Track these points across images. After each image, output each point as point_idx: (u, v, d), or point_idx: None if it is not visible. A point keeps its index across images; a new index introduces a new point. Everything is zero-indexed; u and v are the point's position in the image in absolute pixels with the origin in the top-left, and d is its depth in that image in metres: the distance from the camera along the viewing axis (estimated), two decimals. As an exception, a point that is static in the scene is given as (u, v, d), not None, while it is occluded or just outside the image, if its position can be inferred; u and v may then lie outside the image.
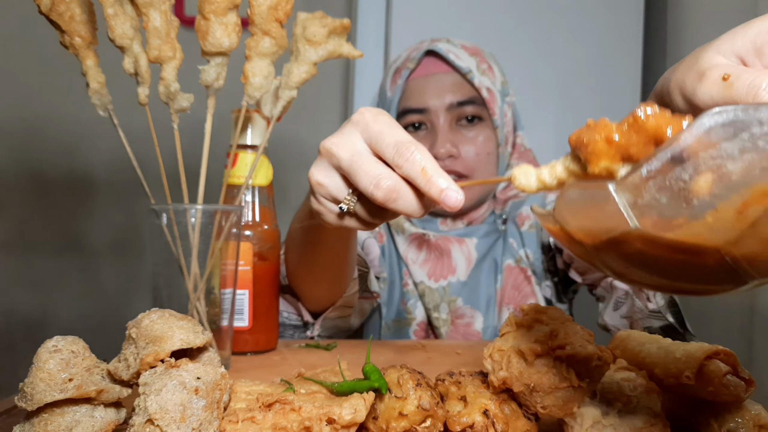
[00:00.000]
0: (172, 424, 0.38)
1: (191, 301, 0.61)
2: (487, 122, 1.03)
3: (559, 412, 0.42)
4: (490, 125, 1.03)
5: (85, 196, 2.05)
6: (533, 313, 0.46)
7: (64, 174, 2.04)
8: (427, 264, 1.05)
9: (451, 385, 0.47)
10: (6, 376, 1.95)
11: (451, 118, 1.02)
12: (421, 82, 1.03)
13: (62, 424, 0.42)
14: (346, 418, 0.40)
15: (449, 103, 1.01)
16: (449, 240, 1.06)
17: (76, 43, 0.61)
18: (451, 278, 1.04)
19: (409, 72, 1.04)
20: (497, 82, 1.05)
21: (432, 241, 1.06)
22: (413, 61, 1.04)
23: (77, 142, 2.02)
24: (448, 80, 1.02)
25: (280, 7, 0.61)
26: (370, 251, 1.08)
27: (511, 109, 1.08)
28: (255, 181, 0.75)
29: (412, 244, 1.07)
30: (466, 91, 1.02)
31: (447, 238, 1.06)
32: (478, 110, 1.02)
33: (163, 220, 0.60)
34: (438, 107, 1.01)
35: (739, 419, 0.44)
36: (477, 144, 1.02)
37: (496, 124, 1.03)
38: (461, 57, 1.02)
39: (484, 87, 1.02)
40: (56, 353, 0.43)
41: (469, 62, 1.02)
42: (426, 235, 1.06)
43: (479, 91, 1.01)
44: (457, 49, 1.03)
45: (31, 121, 2.01)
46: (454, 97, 1.01)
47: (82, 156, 2.03)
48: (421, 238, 1.07)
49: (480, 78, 1.02)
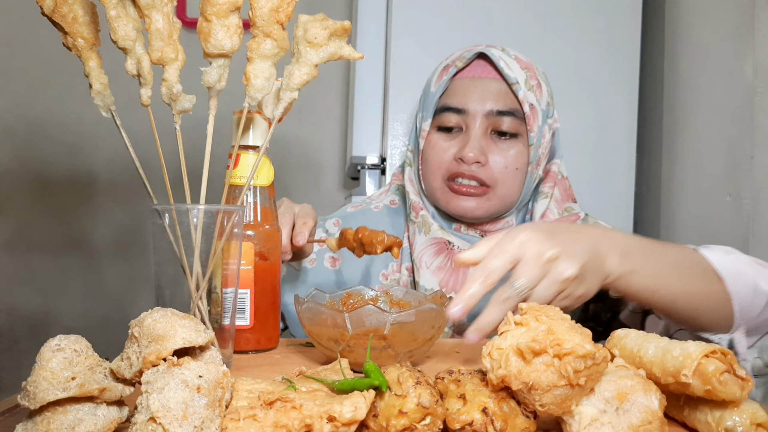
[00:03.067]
0: (175, 422, 0.38)
1: (193, 300, 0.61)
2: (522, 138, 1.00)
3: (557, 410, 0.43)
4: (524, 141, 1.00)
5: (88, 196, 2.05)
6: (532, 311, 0.46)
7: (67, 174, 2.05)
8: (441, 272, 1.01)
9: (450, 383, 0.47)
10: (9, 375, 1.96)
11: (487, 125, 0.99)
12: (466, 83, 1.01)
13: (65, 423, 0.42)
14: (346, 415, 0.40)
15: (489, 110, 0.98)
16: None
17: (78, 45, 0.61)
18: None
19: (457, 70, 1.02)
20: (543, 101, 1.02)
21: (455, 251, 1.02)
22: (463, 61, 1.01)
23: (80, 142, 2.03)
24: (494, 87, 0.99)
25: (281, 10, 0.61)
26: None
27: (551, 132, 1.04)
28: (256, 181, 0.75)
29: (431, 247, 1.03)
30: (509, 102, 0.99)
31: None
32: (516, 125, 0.99)
33: (166, 220, 0.61)
34: (477, 111, 0.99)
35: (736, 417, 0.44)
36: (507, 156, 0.99)
37: (531, 141, 1.00)
38: (512, 67, 0.99)
39: (527, 102, 0.99)
40: (59, 352, 0.43)
41: (519, 74, 0.99)
42: (451, 244, 1.03)
43: (522, 104, 0.98)
44: (510, 59, 1.01)
45: (35, 122, 2.02)
46: (495, 105, 0.98)
47: (85, 156, 2.04)
48: (444, 244, 1.03)
49: (525, 92, 0.99)
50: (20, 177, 2.03)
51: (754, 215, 1.19)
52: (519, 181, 1.01)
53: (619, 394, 0.44)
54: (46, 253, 2.04)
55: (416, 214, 1.06)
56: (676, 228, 1.47)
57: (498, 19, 1.52)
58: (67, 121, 2.01)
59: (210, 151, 0.64)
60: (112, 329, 1.90)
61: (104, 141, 2.00)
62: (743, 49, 1.22)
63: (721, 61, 1.31)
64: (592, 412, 0.43)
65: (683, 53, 1.48)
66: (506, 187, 1.00)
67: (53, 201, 2.04)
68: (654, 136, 1.61)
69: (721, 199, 1.28)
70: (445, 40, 1.50)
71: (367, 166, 1.58)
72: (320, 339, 0.66)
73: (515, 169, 1.00)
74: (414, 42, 1.51)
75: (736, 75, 1.25)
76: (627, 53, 1.57)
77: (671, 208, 1.50)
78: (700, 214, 1.37)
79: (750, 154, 1.20)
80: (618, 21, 1.56)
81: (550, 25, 1.54)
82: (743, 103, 1.22)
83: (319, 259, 1.06)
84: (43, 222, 2.04)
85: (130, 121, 0.73)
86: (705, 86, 1.39)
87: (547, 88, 1.03)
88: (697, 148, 1.41)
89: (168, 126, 0.64)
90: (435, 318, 0.65)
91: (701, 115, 1.40)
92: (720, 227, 1.28)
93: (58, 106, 2.01)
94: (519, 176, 1.01)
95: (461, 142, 1.00)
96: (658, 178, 1.57)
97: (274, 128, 0.68)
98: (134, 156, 0.64)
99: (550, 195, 1.06)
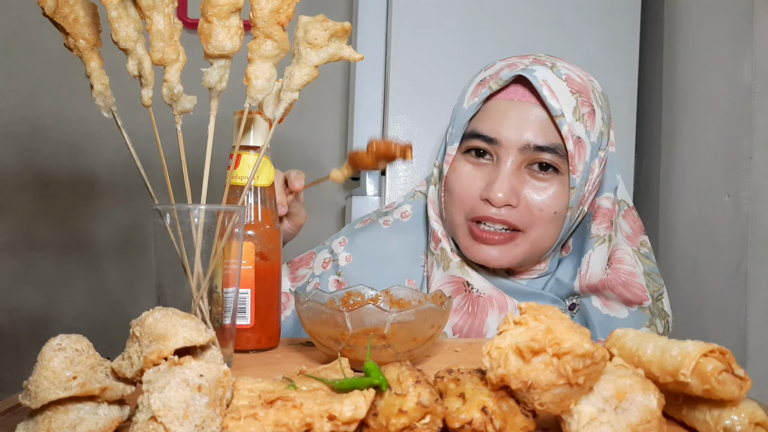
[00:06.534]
0: (176, 421, 0.38)
1: (194, 300, 0.62)
2: (563, 177, 0.85)
3: (556, 409, 0.43)
4: (566, 180, 0.85)
5: (89, 196, 2.06)
6: (531, 311, 0.46)
7: (68, 174, 2.05)
8: (457, 315, 0.90)
9: (450, 382, 0.47)
10: (10, 374, 1.96)
11: (522, 161, 0.85)
12: (503, 106, 0.85)
13: (66, 422, 0.42)
14: (346, 414, 0.40)
15: (525, 143, 0.83)
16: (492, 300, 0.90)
17: (80, 46, 0.62)
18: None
19: (491, 92, 0.86)
20: (594, 132, 0.85)
21: (473, 294, 0.90)
22: (498, 83, 0.85)
23: (81, 143, 2.03)
24: (535, 115, 0.84)
25: (282, 11, 0.61)
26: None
27: (602, 165, 0.89)
28: (257, 181, 0.75)
29: (449, 285, 0.91)
30: (551, 136, 0.83)
31: (491, 297, 0.90)
32: (558, 160, 0.84)
33: (167, 220, 0.61)
34: (512, 143, 0.84)
35: (735, 417, 0.44)
36: (543, 197, 0.84)
37: (573, 183, 0.84)
38: (558, 92, 0.83)
39: (573, 136, 0.83)
40: (60, 351, 0.43)
41: (567, 102, 0.83)
42: (470, 286, 0.90)
43: (565, 140, 0.83)
44: (558, 81, 0.84)
45: (36, 122, 2.03)
46: (534, 138, 0.83)
47: (86, 157, 2.04)
48: (462, 285, 0.91)
49: (573, 125, 0.83)
50: (22, 177, 2.04)
51: (752, 215, 1.19)
52: (556, 226, 0.87)
53: (618, 393, 0.44)
54: (48, 252, 2.04)
55: (435, 245, 0.94)
56: (674, 228, 1.47)
57: (498, 19, 1.52)
58: (69, 122, 2.02)
59: (211, 151, 0.64)
60: (114, 329, 1.91)
61: (105, 141, 2.00)
62: (742, 50, 1.22)
63: (719, 62, 1.32)
64: (591, 411, 0.43)
65: (682, 54, 1.49)
66: (540, 232, 0.86)
67: (55, 201, 2.05)
68: (653, 137, 1.61)
69: (719, 199, 1.28)
70: (445, 40, 1.50)
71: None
72: (320, 338, 0.66)
73: (552, 213, 0.85)
74: (414, 42, 1.51)
75: (734, 75, 1.25)
76: (626, 53, 1.57)
77: (670, 208, 1.50)
78: (698, 214, 1.37)
79: (748, 154, 1.20)
80: (617, 21, 1.56)
81: (550, 25, 1.54)
82: (742, 103, 1.22)
83: (323, 283, 0.97)
84: (45, 222, 2.04)
85: (131, 122, 0.74)
86: (703, 87, 1.39)
87: (602, 114, 0.87)
88: (695, 148, 1.41)
89: (169, 126, 0.64)
90: (435, 317, 0.65)
91: (700, 115, 1.40)
92: (718, 227, 1.28)
93: (59, 106, 2.02)
94: (557, 221, 0.86)
95: (490, 176, 0.86)
96: (656, 178, 1.57)
97: (275, 129, 0.68)
98: (135, 156, 0.65)
99: (606, 238, 0.90)
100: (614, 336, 0.54)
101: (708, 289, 1.31)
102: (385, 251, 0.98)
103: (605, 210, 0.91)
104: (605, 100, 0.90)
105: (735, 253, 1.22)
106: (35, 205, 2.04)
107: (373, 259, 0.97)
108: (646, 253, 0.94)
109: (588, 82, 0.88)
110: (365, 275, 0.95)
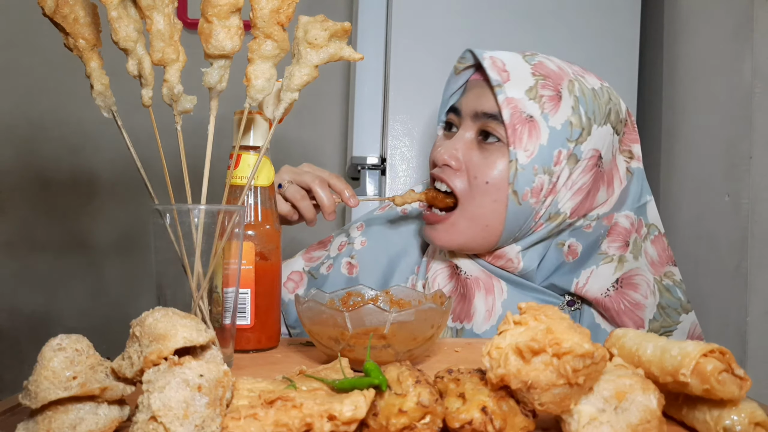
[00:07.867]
0: (176, 421, 0.38)
1: (194, 300, 0.62)
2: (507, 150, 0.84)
3: (556, 409, 0.43)
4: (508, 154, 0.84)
5: (89, 196, 2.06)
6: (531, 311, 0.46)
7: (68, 174, 2.05)
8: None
9: (450, 382, 0.47)
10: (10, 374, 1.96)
11: (476, 130, 0.86)
12: (473, 84, 0.90)
13: (66, 422, 0.42)
14: (346, 414, 0.40)
15: (475, 110, 0.86)
16: (478, 282, 0.89)
17: (80, 45, 0.62)
18: (466, 324, 0.89)
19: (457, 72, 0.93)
20: (556, 118, 0.82)
21: (461, 276, 0.90)
22: (462, 63, 0.92)
23: (81, 142, 2.03)
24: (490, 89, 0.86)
25: (282, 11, 0.61)
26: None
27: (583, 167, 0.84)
28: (257, 181, 0.75)
29: (445, 269, 0.93)
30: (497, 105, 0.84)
31: (477, 279, 0.89)
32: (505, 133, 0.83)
33: (167, 220, 0.61)
34: (467, 112, 0.87)
35: (735, 416, 0.44)
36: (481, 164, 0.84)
37: (512, 156, 0.81)
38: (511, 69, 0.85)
39: (518, 111, 0.82)
40: (60, 351, 0.43)
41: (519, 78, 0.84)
42: (459, 269, 0.90)
43: (501, 108, 0.82)
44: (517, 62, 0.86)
45: (36, 122, 2.03)
46: (481, 106, 0.85)
47: (86, 157, 2.04)
48: (453, 268, 0.91)
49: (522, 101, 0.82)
50: (22, 177, 2.04)
51: (752, 215, 1.19)
52: (492, 201, 0.83)
53: (618, 393, 0.44)
54: (48, 252, 2.04)
55: None
56: (674, 228, 1.47)
57: (498, 19, 1.52)
58: (69, 122, 2.02)
59: (211, 151, 0.64)
60: (114, 329, 1.91)
61: (105, 141, 2.00)
62: (742, 50, 1.22)
63: (719, 62, 1.32)
64: (591, 411, 0.43)
65: (682, 53, 1.49)
66: (474, 205, 0.84)
67: (55, 201, 2.05)
68: (652, 136, 1.61)
69: (719, 199, 1.28)
70: (445, 40, 1.50)
71: (367, 167, 1.59)
72: (320, 338, 0.66)
73: (485, 183, 0.83)
74: (414, 42, 1.51)
75: (734, 75, 1.25)
76: (626, 53, 1.56)
77: (670, 208, 1.50)
78: (698, 214, 1.37)
79: (748, 154, 1.20)
80: (617, 21, 1.56)
81: (549, 25, 1.54)
82: (742, 103, 1.22)
83: (336, 265, 0.99)
84: (45, 222, 2.04)
85: (131, 122, 0.74)
86: (704, 86, 1.39)
87: (584, 110, 0.84)
88: (695, 148, 1.41)
89: (169, 126, 0.64)
90: (435, 317, 0.65)
91: (700, 115, 1.40)
92: (718, 227, 1.28)
93: (59, 106, 2.02)
94: (490, 193, 0.83)
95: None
96: (656, 178, 1.57)
97: (275, 129, 0.68)
98: (135, 156, 0.65)
99: (615, 258, 0.86)
100: (614, 336, 0.54)
101: (708, 290, 1.31)
102: (397, 238, 1.02)
103: (621, 228, 0.87)
104: (602, 100, 0.86)
105: (735, 254, 1.22)
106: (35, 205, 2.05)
107: (387, 245, 1.01)
108: (668, 285, 0.88)
109: (569, 74, 0.87)
110: (376, 260, 0.99)
